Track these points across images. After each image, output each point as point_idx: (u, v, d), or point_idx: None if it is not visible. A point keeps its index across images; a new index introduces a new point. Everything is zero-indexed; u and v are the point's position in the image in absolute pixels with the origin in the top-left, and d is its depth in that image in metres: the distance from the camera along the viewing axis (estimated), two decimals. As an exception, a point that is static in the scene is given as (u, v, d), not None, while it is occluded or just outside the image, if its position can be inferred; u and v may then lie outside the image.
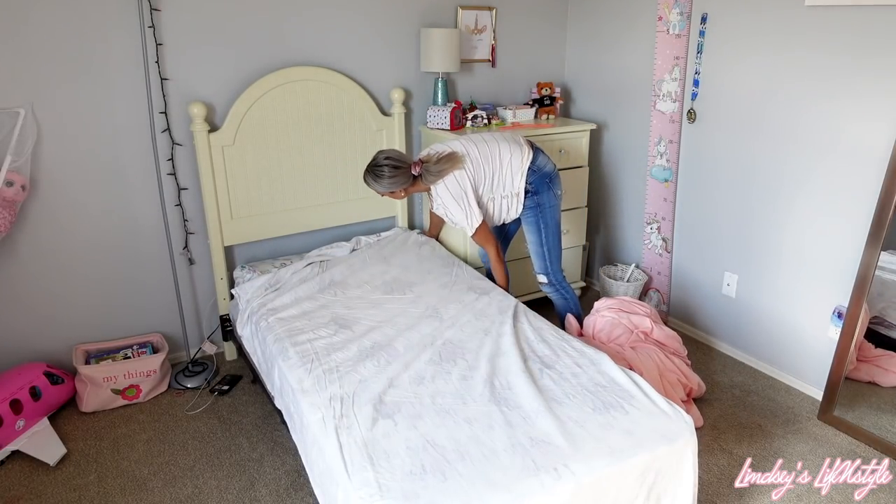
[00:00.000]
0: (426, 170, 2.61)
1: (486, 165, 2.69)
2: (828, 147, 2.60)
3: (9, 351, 2.76)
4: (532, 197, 2.76)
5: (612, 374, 2.07)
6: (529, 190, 2.75)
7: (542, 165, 2.76)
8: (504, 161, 2.70)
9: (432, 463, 1.68)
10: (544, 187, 2.75)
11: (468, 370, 2.12)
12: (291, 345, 2.29)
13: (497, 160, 2.70)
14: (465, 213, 2.65)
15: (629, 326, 2.81)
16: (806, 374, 2.89)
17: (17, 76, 2.50)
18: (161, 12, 2.68)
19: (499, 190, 2.73)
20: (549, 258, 2.86)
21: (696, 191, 3.22)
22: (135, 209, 2.87)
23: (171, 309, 3.06)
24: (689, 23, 3.03)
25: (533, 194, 2.75)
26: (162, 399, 2.86)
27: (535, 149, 2.79)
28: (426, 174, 2.61)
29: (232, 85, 2.91)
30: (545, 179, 2.75)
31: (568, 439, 1.76)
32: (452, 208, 2.65)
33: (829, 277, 2.70)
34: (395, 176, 2.57)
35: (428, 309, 2.54)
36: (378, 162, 2.58)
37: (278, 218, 3.11)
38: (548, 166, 2.78)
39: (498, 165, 2.70)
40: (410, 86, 3.38)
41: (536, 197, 2.75)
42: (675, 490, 1.82)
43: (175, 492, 2.29)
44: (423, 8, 3.30)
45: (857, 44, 2.43)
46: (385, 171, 2.57)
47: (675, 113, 3.19)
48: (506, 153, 2.71)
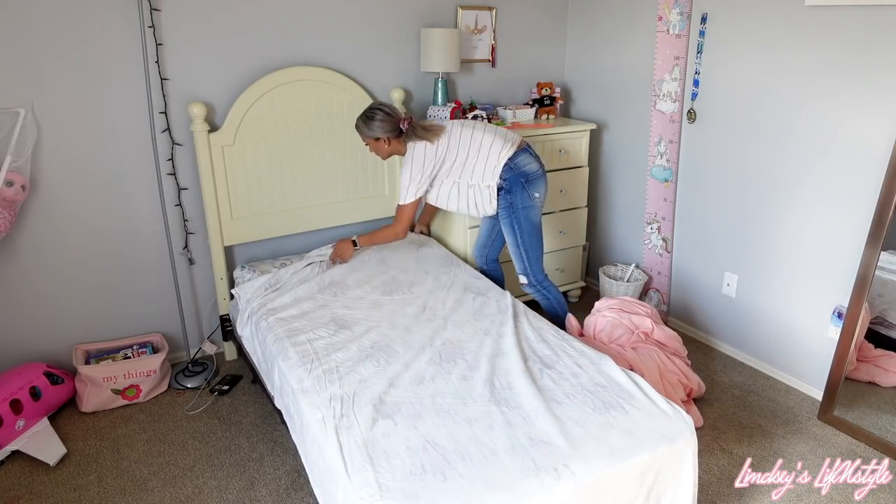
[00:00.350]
0: (412, 126, 2.74)
1: (463, 149, 2.75)
2: (828, 147, 2.60)
3: (9, 351, 2.76)
4: (505, 196, 2.76)
5: (612, 375, 2.07)
6: (503, 187, 2.75)
7: (522, 164, 2.74)
8: (483, 150, 2.74)
9: (432, 463, 1.68)
10: (518, 187, 2.74)
11: (468, 370, 2.12)
12: (291, 345, 2.29)
13: (476, 147, 2.74)
14: (409, 181, 2.76)
15: (630, 327, 2.81)
16: (806, 374, 2.89)
17: (17, 76, 2.50)
18: (161, 12, 2.68)
19: (466, 177, 2.77)
20: (526, 259, 2.86)
21: (696, 191, 3.22)
22: (135, 209, 2.87)
23: (171, 309, 3.06)
24: (689, 23, 3.03)
25: (506, 192, 2.76)
26: (162, 399, 2.86)
27: (525, 150, 2.78)
28: (410, 131, 2.74)
29: (232, 85, 2.91)
30: (520, 179, 2.74)
31: (568, 439, 1.76)
32: (405, 171, 2.77)
33: (829, 277, 2.70)
34: (385, 121, 2.71)
35: (427, 310, 2.55)
36: (372, 107, 2.75)
37: (278, 218, 3.11)
38: (529, 167, 2.76)
39: (475, 152, 2.74)
40: (410, 86, 3.38)
41: (510, 196, 2.75)
42: (675, 490, 1.82)
43: (175, 492, 2.29)
44: (423, 8, 3.30)
45: (857, 43, 2.43)
46: (377, 115, 2.71)
47: (675, 113, 3.19)
48: (487, 143, 2.74)
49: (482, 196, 2.77)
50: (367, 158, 3.26)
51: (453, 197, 2.82)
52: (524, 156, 2.76)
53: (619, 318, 2.82)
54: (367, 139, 2.78)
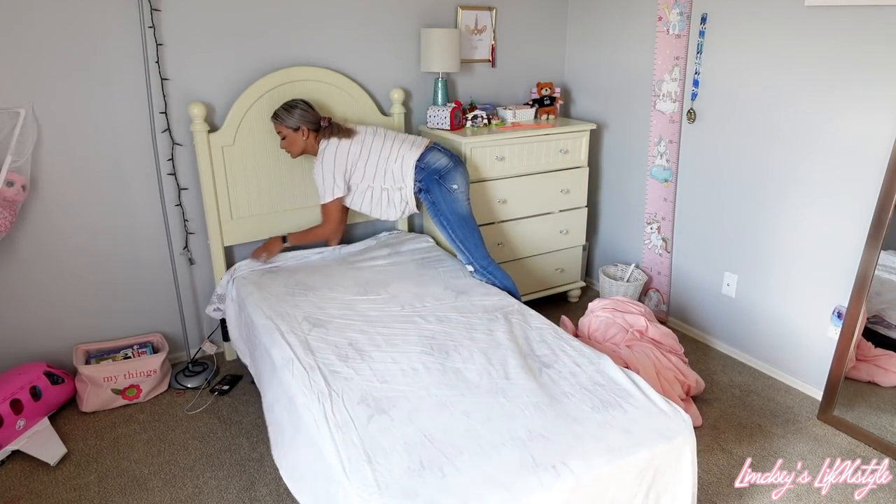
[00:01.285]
0: (331, 125, 2.85)
1: (373, 157, 2.87)
2: (828, 146, 2.60)
3: (9, 351, 2.77)
4: (426, 196, 2.87)
5: (611, 373, 2.07)
6: (421, 188, 2.86)
7: (432, 162, 2.86)
8: (392, 156, 2.87)
9: (430, 459, 1.68)
10: (434, 184, 2.84)
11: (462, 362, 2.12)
12: (271, 345, 2.31)
13: (386, 154, 2.87)
14: (323, 179, 2.86)
15: (624, 326, 2.81)
16: (806, 374, 2.88)
17: (18, 76, 2.51)
18: (161, 12, 2.69)
19: (379, 181, 2.89)
20: (465, 248, 2.89)
21: (696, 191, 3.22)
22: (135, 209, 2.87)
23: (171, 309, 3.07)
24: (689, 23, 3.04)
25: (426, 192, 2.87)
26: (162, 399, 2.86)
27: (433, 148, 2.90)
28: (327, 129, 2.84)
29: (232, 85, 2.92)
30: (434, 176, 2.84)
31: (566, 437, 1.76)
32: (318, 170, 2.86)
33: (828, 277, 2.70)
34: (307, 112, 2.82)
35: (406, 307, 2.54)
36: (294, 99, 2.86)
37: (278, 218, 3.11)
38: (439, 163, 2.86)
39: (384, 158, 2.87)
40: (410, 86, 3.38)
41: (430, 195, 2.86)
42: (674, 489, 1.82)
43: (175, 492, 2.30)
44: (423, 8, 3.30)
45: (857, 43, 2.43)
46: (300, 104, 2.82)
47: (675, 113, 3.19)
48: (396, 149, 2.89)
49: (395, 197, 2.92)
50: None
51: (367, 200, 2.94)
52: (432, 154, 2.88)
53: (613, 318, 2.83)
54: (284, 129, 2.83)
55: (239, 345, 2.75)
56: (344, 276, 2.84)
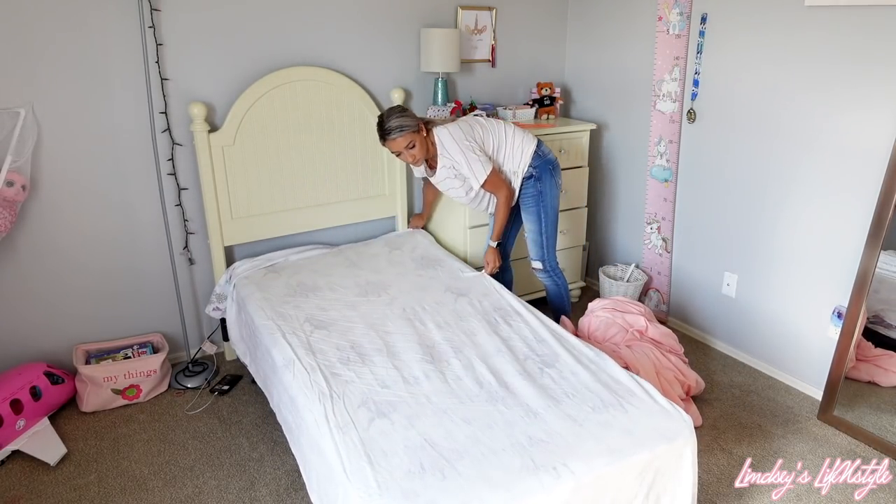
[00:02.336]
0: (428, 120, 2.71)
1: (492, 136, 2.76)
2: (828, 146, 2.60)
3: (9, 351, 2.77)
4: (535, 184, 2.80)
5: (612, 373, 2.07)
6: (533, 175, 2.79)
7: (547, 152, 2.83)
8: (509, 137, 2.78)
9: (431, 461, 1.68)
10: (547, 174, 2.80)
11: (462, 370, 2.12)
12: (272, 344, 2.30)
13: (502, 134, 2.78)
14: (468, 161, 2.64)
15: (624, 325, 2.81)
16: (806, 374, 2.89)
17: (18, 76, 2.51)
18: (161, 12, 2.69)
19: (498, 161, 2.78)
20: (546, 245, 2.89)
21: (696, 191, 3.22)
22: (135, 209, 2.87)
23: (171, 309, 3.07)
24: (689, 23, 3.03)
25: (536, 180, 2.79)
26: (162, 399, 2.86)
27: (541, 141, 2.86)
28: (432, 123, 2.70)
29: (232, 85, 2.92)
30: (548, 166, 2.81)
31: (567, 438, 1.76)
32: (458, 157, 2.64)
33: (828, 277, 2.70)
34: (402, 116, 2.56)
35: (406, 310, 2.53)
36: (391, 108, 2.63)
37: (278, 218, 3.11)
38: (551, 155, 2.85)
39: (503, 139, 2.77)
40: (410, 86, 3.38)
41: (539, 184, 2.79)
42: (674, 489, 1.82)
43: (175, 492, 2.30)
44: (423, 8, 3.30)
45: (857, 43, 2.43)
46: (396, 110, 2.59)
47: (674, 113, 3.19)
48: (510, 131, 2.80)
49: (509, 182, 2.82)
50: (367, 158, 3.26)
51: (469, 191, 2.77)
52: (544, 145, 2.84)
53: (613, 318, 2.83)
54: (410, 136, 2.57)
55: (239, 345, 2.75)
56: (345, 276, 2.84)
